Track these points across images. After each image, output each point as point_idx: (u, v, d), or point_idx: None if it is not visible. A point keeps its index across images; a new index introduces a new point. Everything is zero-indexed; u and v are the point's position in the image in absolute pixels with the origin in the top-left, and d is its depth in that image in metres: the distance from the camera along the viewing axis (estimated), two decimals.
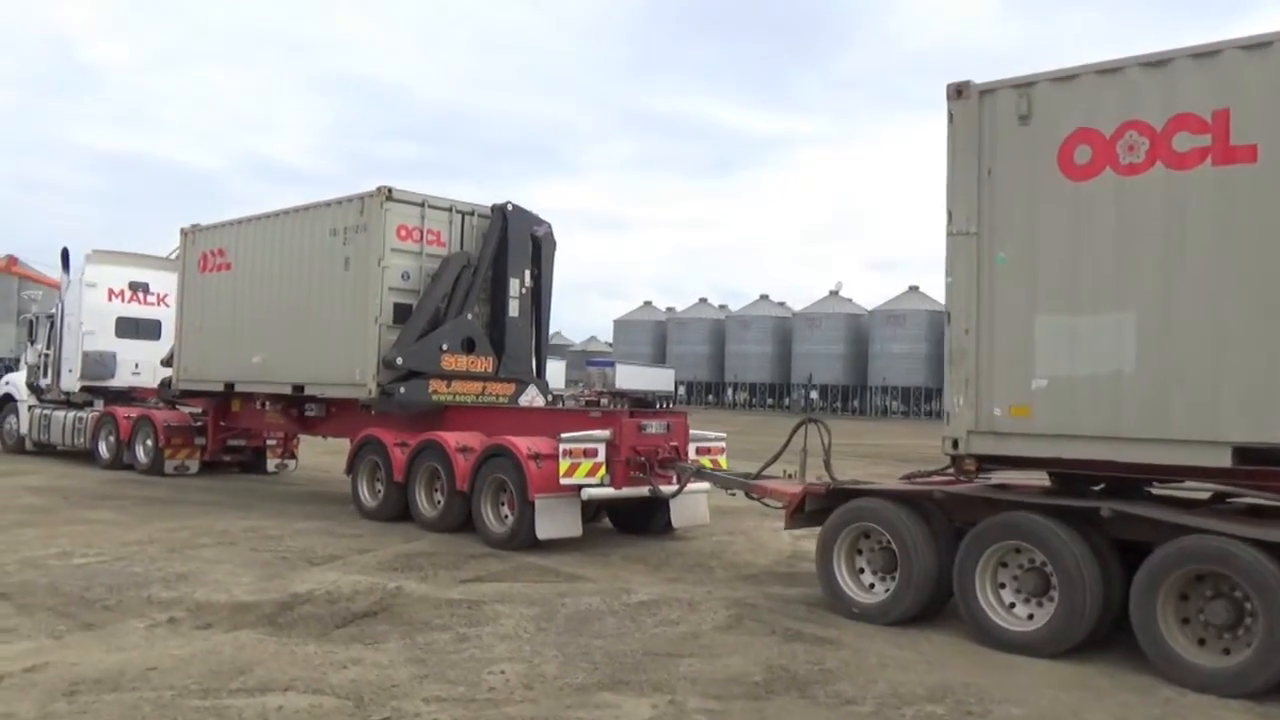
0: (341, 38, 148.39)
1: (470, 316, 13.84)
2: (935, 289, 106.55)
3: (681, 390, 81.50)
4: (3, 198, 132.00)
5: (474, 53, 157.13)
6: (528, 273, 14.41)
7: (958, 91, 7.82)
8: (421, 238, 13.81)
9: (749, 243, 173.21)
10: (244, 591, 8.68)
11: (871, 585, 8.42)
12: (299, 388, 14.74)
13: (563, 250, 14.92)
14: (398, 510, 12.96)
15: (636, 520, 12.46)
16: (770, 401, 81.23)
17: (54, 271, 60.15)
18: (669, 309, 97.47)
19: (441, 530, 12.14)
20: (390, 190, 13.48)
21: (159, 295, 21.16)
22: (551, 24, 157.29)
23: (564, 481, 10.97)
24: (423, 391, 13.33)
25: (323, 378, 14.29)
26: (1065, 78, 7.44)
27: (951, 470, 9.10)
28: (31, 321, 21.90)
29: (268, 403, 15.77)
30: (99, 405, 20.29)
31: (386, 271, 13.45)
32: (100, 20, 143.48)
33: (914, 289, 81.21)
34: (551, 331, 37.09)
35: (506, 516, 11.53)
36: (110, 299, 20.58)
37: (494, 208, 14.32)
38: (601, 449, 11.17)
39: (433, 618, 7.98)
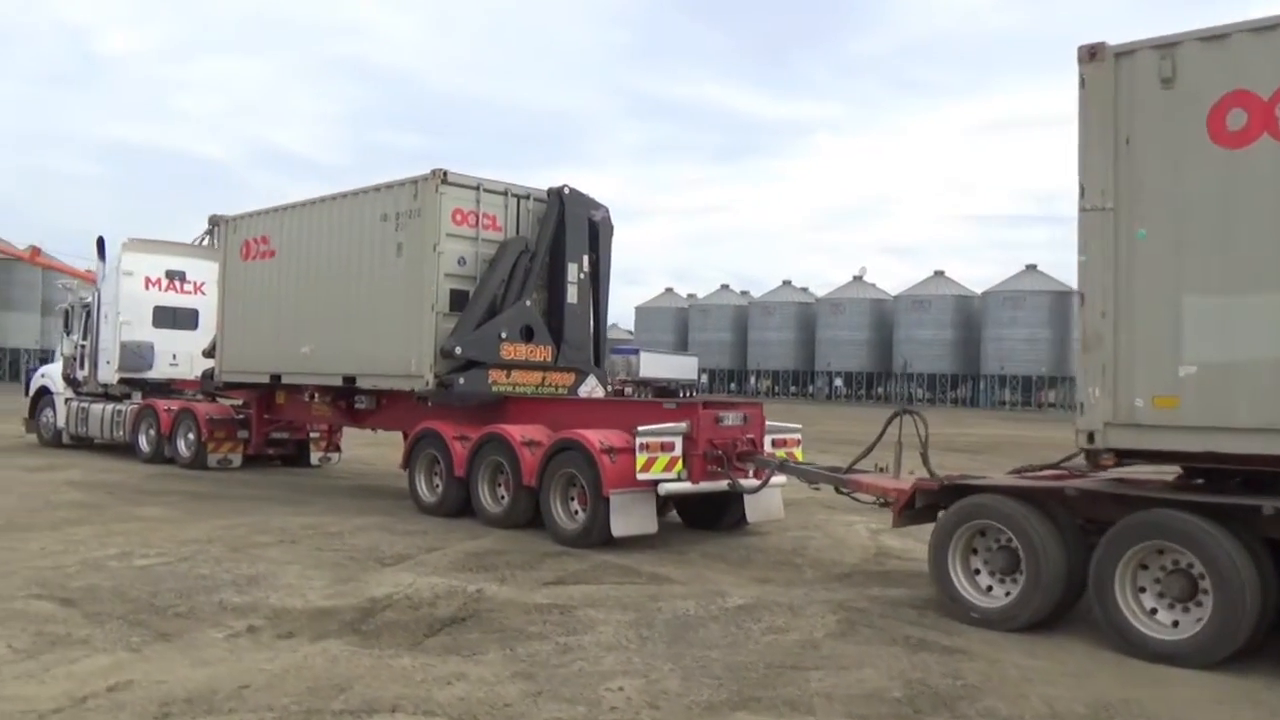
0: (352, 25, 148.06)
1: (529, 303, 13.31)
2: (959, 274, 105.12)
3: (704, 378, 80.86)
4: (17, 188, 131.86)
5: (485, 41, 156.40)
6: (585, 257, 13.86)
7: (1090, 54, 7.22)
8: (477, 222, 13.27)
9: (765, 229, 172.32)
10: (319, 596, 8.20)
11: (989, 588, 7.87)
12: (350, 379, 14.25)
13: None
14: (458, 506, 12.48)
15: (708, 515, 11.94)
16: (861, 392, 79.47)
17: (76, 261, 59.64)
18: (690, 296, 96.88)
19: (507, 527, 11.65)
20: (445, 173, 12.94)
21: (196, 284, 20.77)
22: (563, 11, 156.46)
23: (640, 477, 10.46)
24: (482, 382, 12.82)
25: (375, 369, 13.79)
26: (1215, 37, 6.83)
27: (1067, 464, 8.58)
28: (67, 312, 21.49)
29: (316, 395, 15.27)
30: (137, 397, 19.90)
31: (442, 257, 12.92)
32: (113, 11, 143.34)
33: (939, 274, 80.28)
34: None
35: (577, 513, 11.03)
36: (147, 288, 20.18)
37: (550, 191, 13.78)
38: (678, 442, 10.66)
39: (525, 625, 7.48)
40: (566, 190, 13.68)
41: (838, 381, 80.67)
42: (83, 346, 20.79)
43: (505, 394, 13.00)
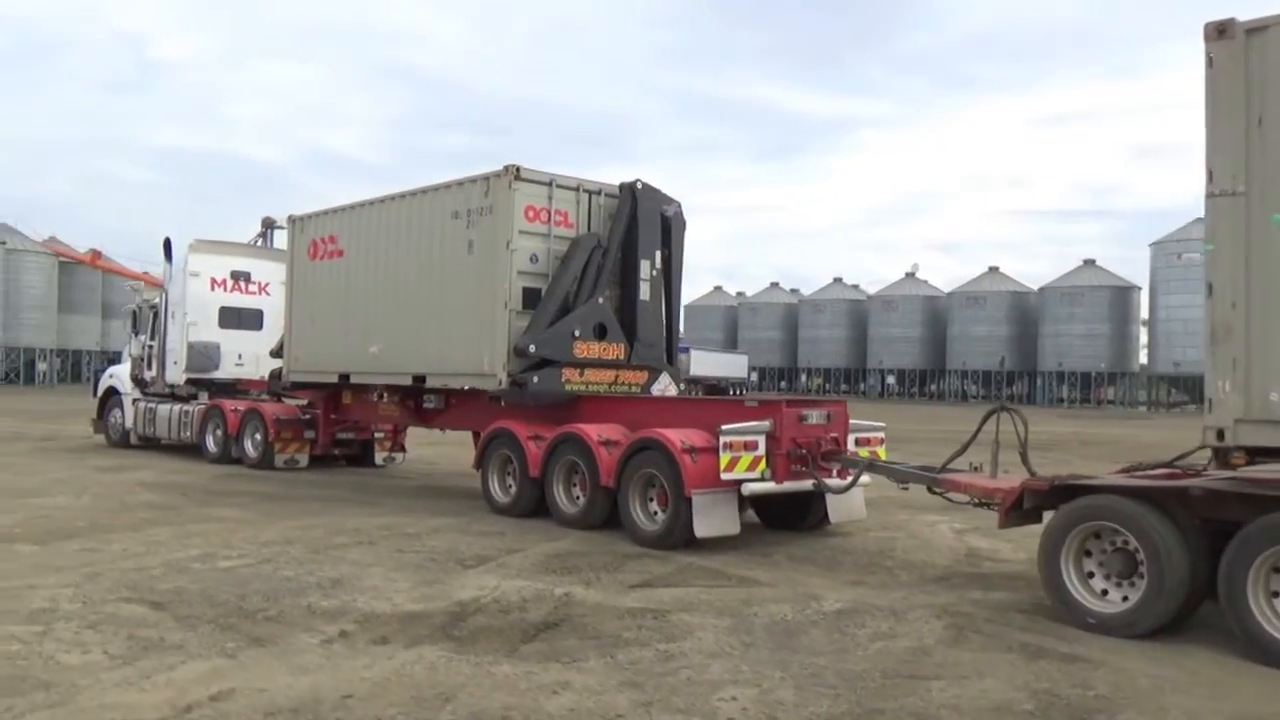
0: (400, 30, 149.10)
1: (601, 300, 13.10)
2: (1013, 269, 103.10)
3: (754, 376, 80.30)
4: (76, 194, 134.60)
5: (530, 43, 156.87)
6: (658, 253, 13.62)
7: (1219, 31, 6.83)
8: (549, 218, 13.08)
9: (813, 227, 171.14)
10: (407, 599, 8.03)
11: (1104, 591, 7.50)
12: (420, 379, 14.13)
13: None
14: (532, 506, 12.30)
15: (789, 516, 11.64)
16: (915, 389, 78.28)
17: (134, 264, 60.67)
18: (739, 294, 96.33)
19: (584, 528, 11.44)
20: (519, 169, 12.76)
21: (260, 284, 20.84)
22: (608, 13, 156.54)
23: (724, 477, 10.20)
24: (556, 381, 12.62)
25: (446, 368, 13.66)
26: None
27: (1180, 463, 8.19)
28: (135, 313, 21.66)
29: (385, 394, 15.18)
30: (204, 398, 20.00)
31: (515, 254, 12.74)
32: (169, 18, 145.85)
33: (994, 269, 79.01)
34: None
35: (656, 514, 10.79)
36: (213, 289, 20.27)
37: (622, 186, 13.55)
38: (762, 441, 10.38)
39: (620, 630, 7.24)
40: (639, 185, 13.44)
41: (890, 379, 79.66)
42: (150, 347, 20.94)
43: (578, 393, 12.79)
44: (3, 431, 24.69)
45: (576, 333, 12.81)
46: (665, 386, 13.67)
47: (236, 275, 20.59)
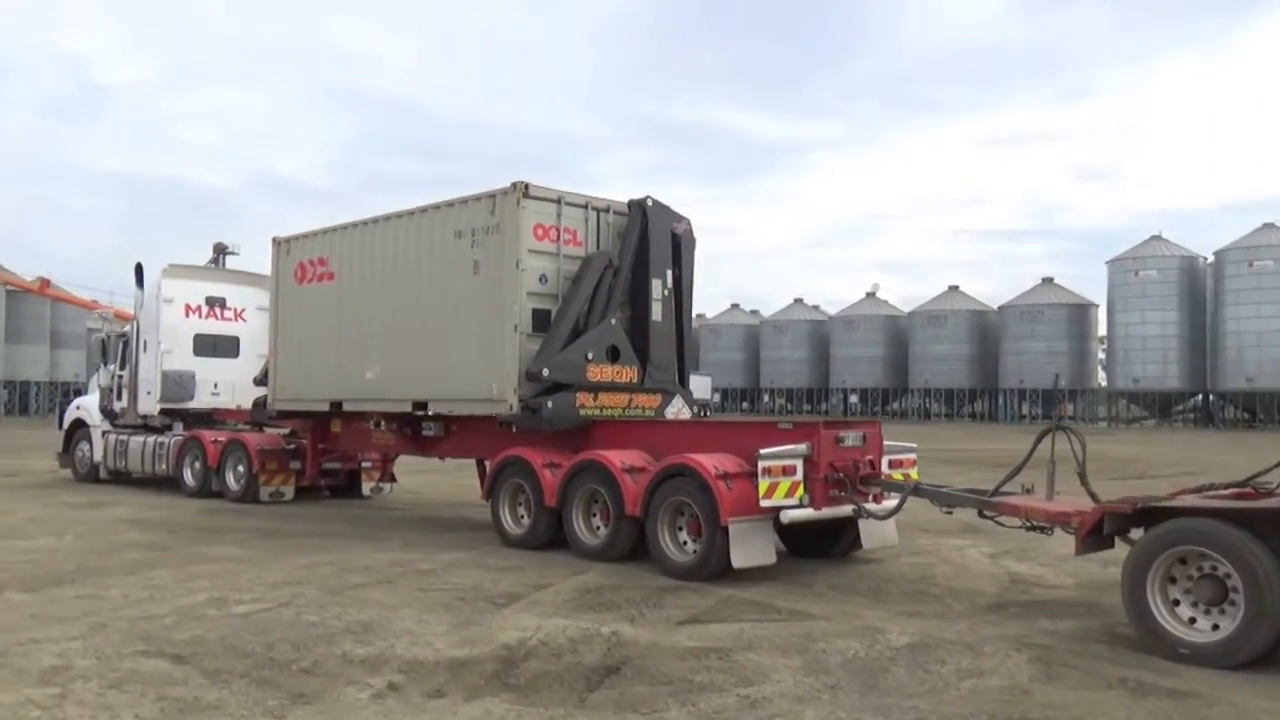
0: (351, 52, 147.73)
1: (614, 322, 12.61)
2: (974, 289, 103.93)
3: (717, 397, 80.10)
4: (20, 221, 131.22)
5: (483, 65, 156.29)
6: (669, 272, 13.17)
7: None
8: (558, 237, 12.58)
9: (767, 248, 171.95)
10: (448, 644, 7.45)
11: (1192, 620, 7.13)
12: (420, 405, 13.52)
13: None
14: (548, 538, 11.76)
15: (817, 543, 11.21)
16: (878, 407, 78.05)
17: (81, 291, 59.09)
18: (699, 315, 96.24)
19: (607, 560, 10.91)
20: (527, 186, 12.27)
21: (236, 310, 20.10)
22: (560, 34, 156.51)
23: (764, 503, 9.74)
24: (570, 406, 12.09)
25: (449, 393, 13.08)
26: None
27: (1255, 483, 7.88)
28: (104, 341, 20.76)
29: (381, 422, 14.53)
30: (178, 429, 19.17)
31: (524, 275, 12.23)
32: (114, 42, 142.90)
33: (953, 288, 79.66)
34: None
35: (686, 543, 10.32)
36: (187, 315, 19.48)
37: (631, 203, 13.10)
38: (800, 466, 9.95)
39: (688, 673, 6.74)
40: (649, 202, 13.00)
41: (853, 398, 79.85)
42: (119, 377, 20.05)
43: (593, 417, 12.27)
44: None
45: (590, 355, 12.31)
46: (679, 410, 13.20)
47: (211, 301, 19.83)
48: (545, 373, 11.93)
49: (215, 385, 19.64)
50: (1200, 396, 66.81)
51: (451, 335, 12.99)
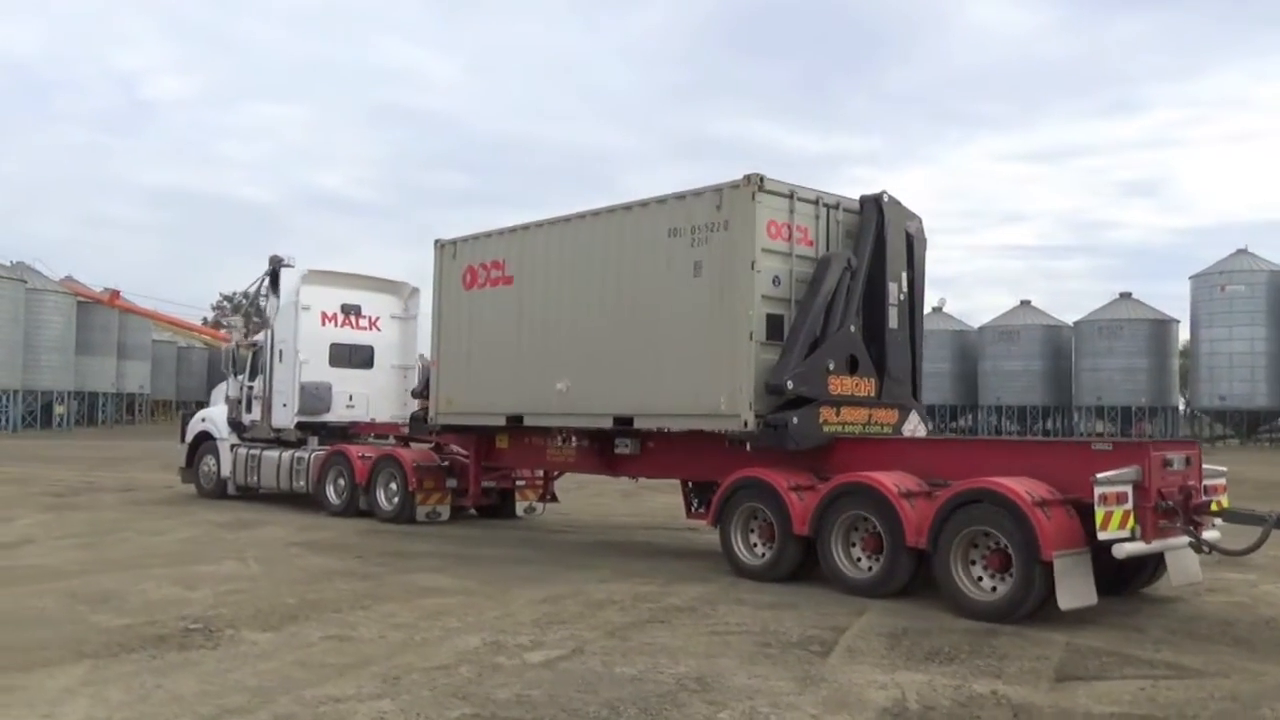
0: (393, 69, 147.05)
1: (853, 329, 11.40)
2: (1044, 303, 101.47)
3: None
4: (69, 234, 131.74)
5: (523, 81, 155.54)
6: (904, 275, 11.95)
7: None
8: (790, 235, 11.39)
9: None
10: (816, 706, 6.23)
11: None
12: (623, 420, 12.33)
13: None
14: (792, 569, 10.55)
15: (1114, 579, 9.87)
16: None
17: (141, 303, 58.69)
18: None
19: (880, 595, 9.66)
20: (762, 179, 11.08)
21: (371, 319, 19.14)
22: (599, 50, 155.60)
23: (1102, 536, 8.46)
24: (814, 422, 10.88)
25: (661, 408, 11.89)
26: None
27: None
28: (233, 352, 19.82)
29: (573, 438, 13.34)
30: (314, 443, 18.15)
31: (759, 277, 11.04)
32: (160, 58, 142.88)
33: (1025, 303, 77.74)
34: None
35: (981, 579, 9.08)
36: (323, 324, 18.51)
37: (865, 199, 11.90)
38: (1130, 493, 8.65)
39: None
40: (886, 197, 11.80)
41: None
42: (250, 388, 19.09)
43: (835, 435, 11.05)
44: (71, 481, 22.70)
45: (830, 366, 11.10)
46: (915, 426, 11.95)
47: (347, 309, 18.84)
48: (790, 384, 10.72)
49: (350, 398, 18.66)
50: None
51: (664, 344, 11.82)
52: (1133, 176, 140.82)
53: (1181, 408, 71.67)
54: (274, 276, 18.66)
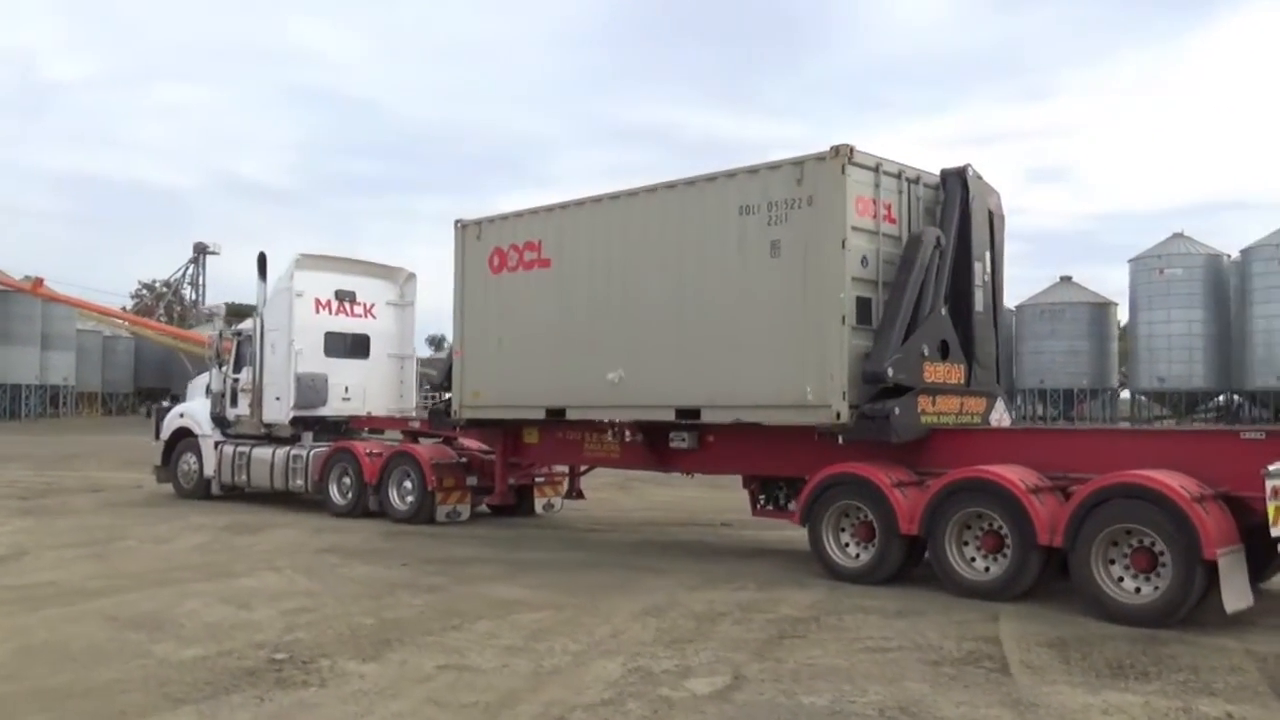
0: (308, 51, 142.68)
1: (944, 313, 10.69)
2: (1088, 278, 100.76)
3: None
4: None
5: (442, 65, 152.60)
6: (988, 255, 11.28)
7: None
8: (876, 212, 10.63)
9: None
10: None
11: None
12: (687, 412, 11.47)
13: None
14: (895, 570, 9.82)
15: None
16: None
17: (62, 291, 55.50)
18: None
19: (1006, 598, 8.98)
20: (852, 150, 10.29)
21: (366, 306, 17.91)
22: (520, 35, 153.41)
23: (1275, 532, 7.84)
24: (914, 413, 10.15)
25: (734, 398, 11.03)
26: None
27: None
28: (216, 341, 18.44)
29: (626, 432, 12.39)
30: (308, 438, 16.94)
31: (849, 257, 10.26)
32: (63, 37, 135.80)
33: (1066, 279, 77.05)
34: None
35: (1122, 580, 8.44)
36: (317, 311, 17.24)
37: (948, 173, 11.19)
38: None
39: None
40: (970, 171, 11.09)
41: None
42: (236, 380, 17.76)
43: (931, 426, 10.34)
44: (28, 482, 21.02)
45: (925, 351, 10.38)
46: (1000, 415, 11.31)
47: (341, 295, 17.58)
48: (890, 372, 9.96)
49: (346, 389, 17.44)
50: (1224, 396, 66.12)
51: (736, 330, 10.98)
52: (1043, 163, 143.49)
53: (1122, 390, 72.93)
54: (261, 262, 17.29)
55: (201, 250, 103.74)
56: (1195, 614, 8.13)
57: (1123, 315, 70.86)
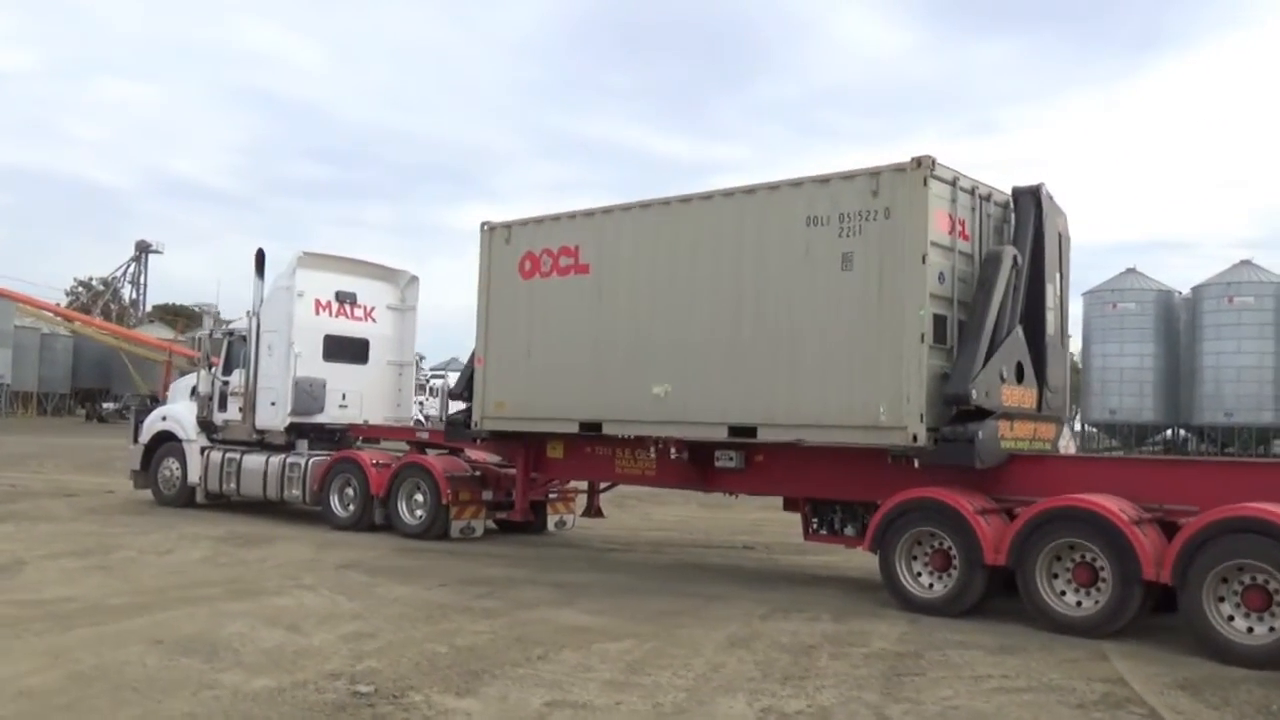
0: (254, 52, 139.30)
1: (1020, 334, 10.30)
2: None
3: None
4: None
5: (391, 70, 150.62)
6: (1058, 277, 10.93)
7: None
8: (952, 228, 10.21)
9: None
10: None
11: None
12: (741, 430, 10.92)
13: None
14: (974, 602, 9.37)
15: None
16: None
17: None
18: None
19: (1101, 635, 8.54)
20: (934, 162, 9.87)
21: (366, 308, 17.14)
22: (470, 46, 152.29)
23: None
24: (996, 437, 9.71)
25: (796, 417, 10.49)
26: None
27: None
28: (205, 341, 17.49)
29: (671, 449, 11.77)
30: (303, 446, 16.10)
31: (928, 272, 9.82)
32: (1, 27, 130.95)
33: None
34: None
35: (1233, 619, 8.02)
36: (317, 312, 16.42)
37: (1020, 191, 10.82)
38: None
39: None
40: (1044, 191, 10.74)
41: None
42: (226, 383, 16.83)
43: (1010, 451, 9.92)
44: None
45: (1003, 374, 9.97)
46: (1068, 443, 10.95)
47: (341, 297, 16.79)
48: (974, 393, 9.52)
49: (343, 396, 16.63)
50: (1171, 430, 67.31)
51: (800, 345, 10.48)
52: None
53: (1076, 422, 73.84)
54: (260, 259, 16.42)
55: (144, 249, 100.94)
56: None
57: (1075, 347, 72.32)
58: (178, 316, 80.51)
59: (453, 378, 18.29)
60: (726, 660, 7.51)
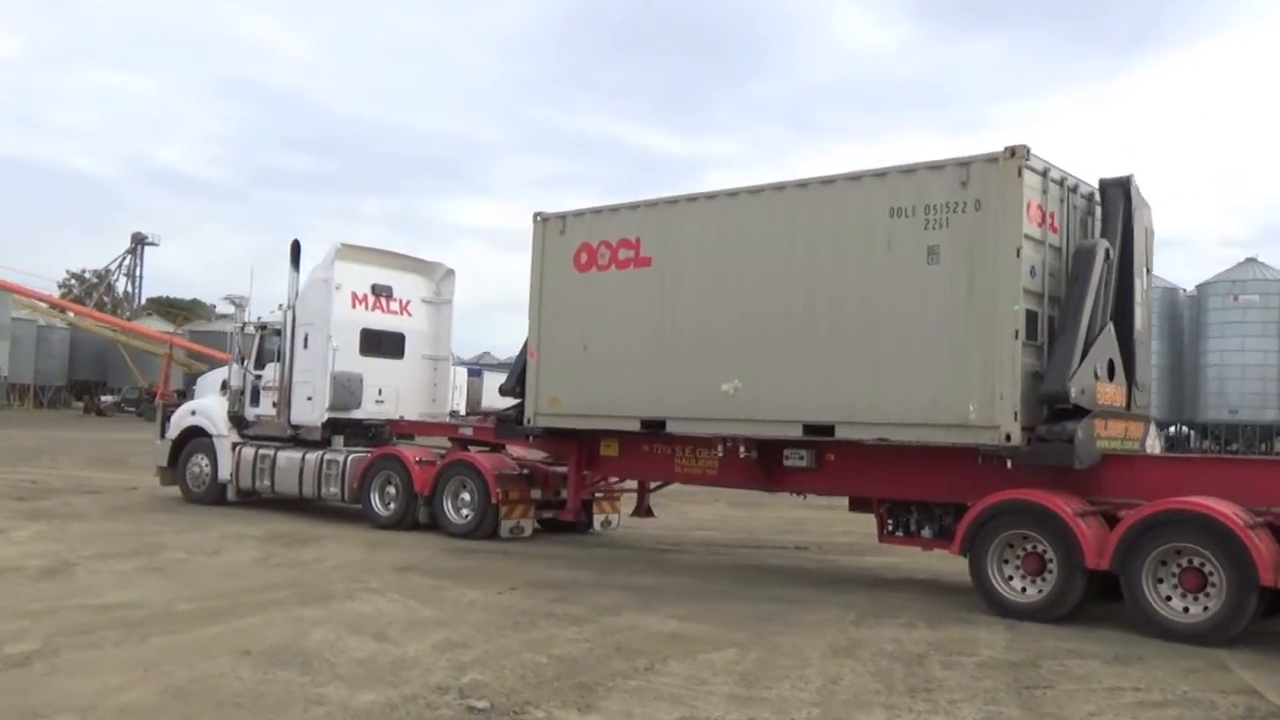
0: (243, 42, 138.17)
1: (1111, 330, 9.96)
2: None
3: None
4: None
5: (381, 63, 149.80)
6: (1146, 271, 10.60)
7: None
8: (1043, 220, 9.87)
9: None
10: None
11: None
12: (818, 429, 10.57)
13: (469, 269, 11.58)
14: (1072, 607, 9.03)
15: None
16: None
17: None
18: None
19: (1214, 642, 8.21)
20: (1029, 151, 9.52)
21: (402, 302, 16.75)
22: (461, 37, 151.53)
23: None
24: (1094, 437, 9.37)
25: (878, 415, 10.13)
26: None
27: None
28: (237, 334, 17.07)
29: (740, 448, 11.40)
30: (339, 443, 15.70)
31: (1022, 266, 9.47)
32: None
33: None
34: (479, 351, 31.35)
35: None
36: (354, 305, 16.01)
37: (1108, 183, 10.45)
38: None
39: None
40: (1133, 183, 10.39)
41: None
42: (258, 377, 16.42)
43: (1104, 451, 9.58)
44: (9, 479, 19.31)
45: (1098, 372, 9.63)
46: (1153, 442, 10.61)
47: (377, 290, 16.38)
48: (1072, 392, 9.18)
49: (380, 391, 16.21)
50: (1174, 427, 67.22)
51: (881, 340, 10.13)
52: None
53: None
54: (295, 250, 15.99)
55: (140, 241, 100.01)
56: None
57: None
58: (174, 309, 79.83)
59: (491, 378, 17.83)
60: (839, 671, 7.16)
